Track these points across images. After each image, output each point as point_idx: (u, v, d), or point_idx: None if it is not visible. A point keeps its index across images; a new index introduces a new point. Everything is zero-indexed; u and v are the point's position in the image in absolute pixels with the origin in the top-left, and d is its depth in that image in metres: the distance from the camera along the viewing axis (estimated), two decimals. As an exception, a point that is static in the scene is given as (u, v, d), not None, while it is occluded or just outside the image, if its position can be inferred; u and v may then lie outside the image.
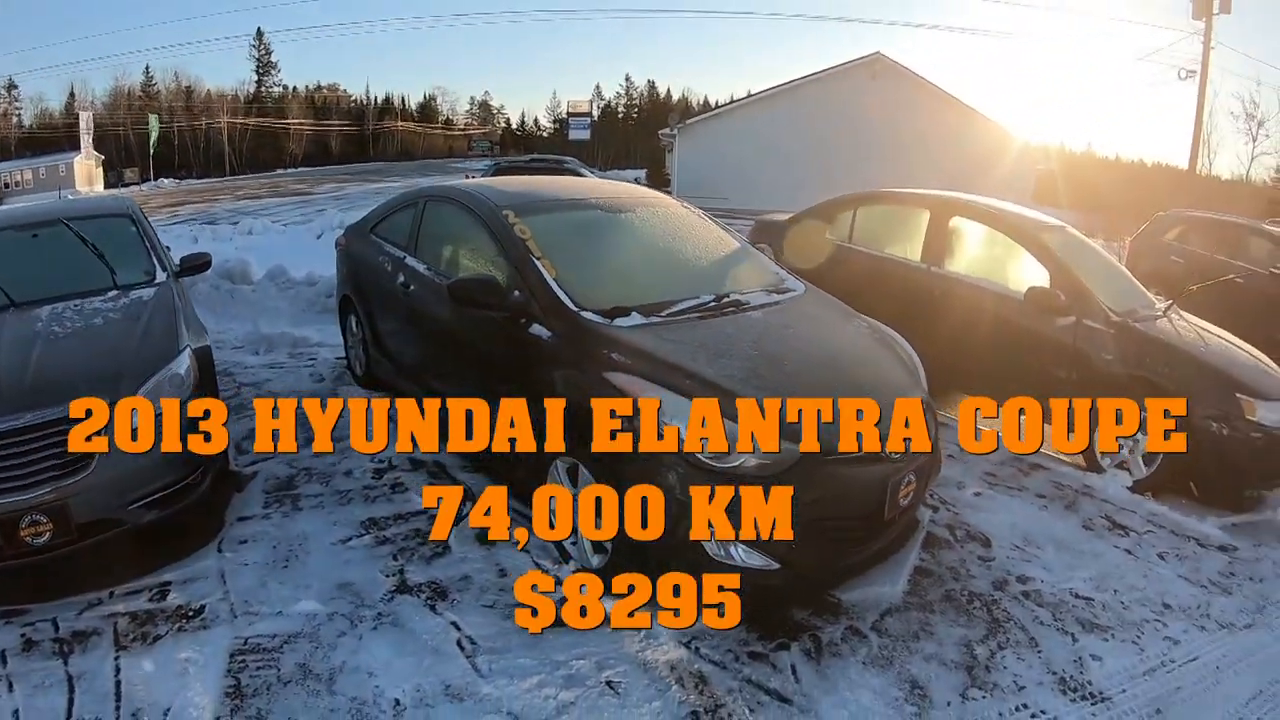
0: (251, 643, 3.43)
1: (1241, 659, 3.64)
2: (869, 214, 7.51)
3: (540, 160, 20.68)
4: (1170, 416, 5.14)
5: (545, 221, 4.76)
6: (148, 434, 3.82)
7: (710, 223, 5.51)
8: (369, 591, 3.79)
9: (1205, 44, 25.07)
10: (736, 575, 3.46)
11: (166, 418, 3.90)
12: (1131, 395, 5.37)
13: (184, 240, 13.75)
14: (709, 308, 4.30)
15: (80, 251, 5.15)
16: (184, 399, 4.13)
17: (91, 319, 4.57)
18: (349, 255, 6.61)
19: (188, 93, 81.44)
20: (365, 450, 5.24)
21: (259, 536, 4.29)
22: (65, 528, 3.66)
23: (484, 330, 4.45)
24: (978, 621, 3.74)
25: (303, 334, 8.26)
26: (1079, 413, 5.58)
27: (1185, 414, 5.14)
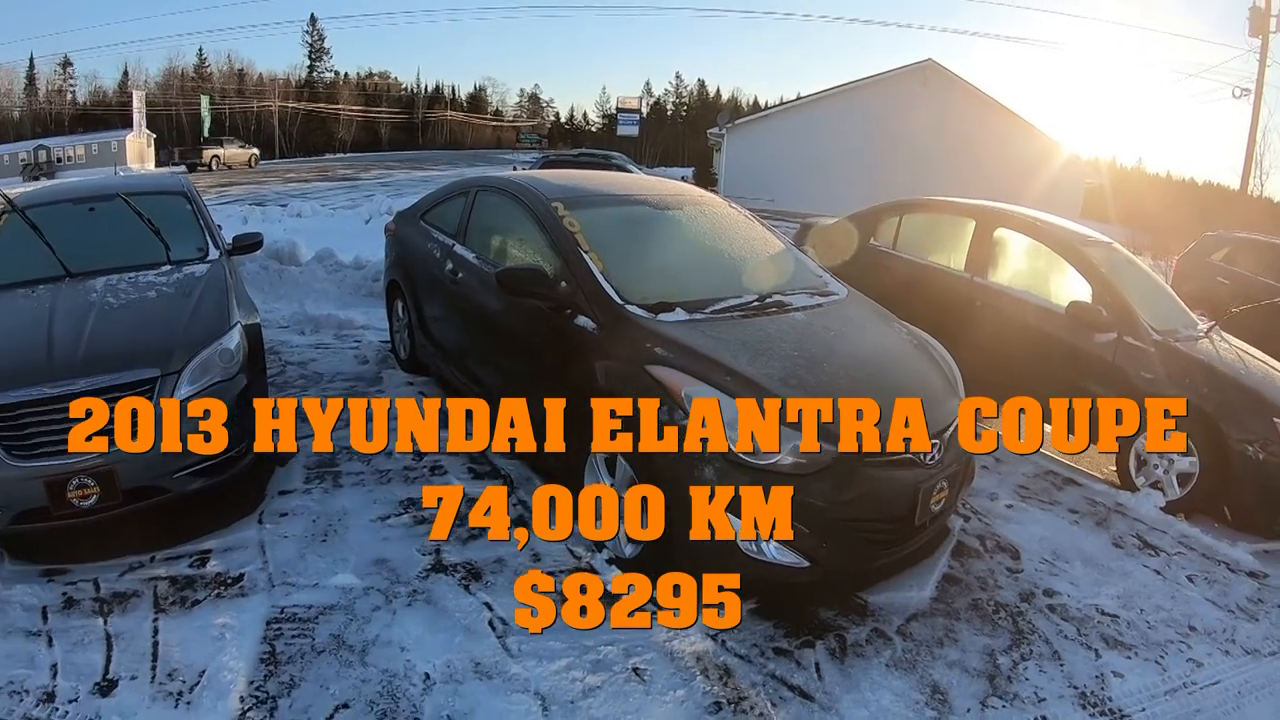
0: (288, 612, 3.53)
1: (1265, 685, 3.62)
2: (914, 221, 7.51)
3: (588, 155, 20.87)
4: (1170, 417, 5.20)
5: (594, 215, 4.82)
6: (147, 434, 3.88)
7: (756, 224, 5.54)
8: (405, 569, 3.88)
9: (1261, 62, 24.66)
10: (737, 575, 3.55)
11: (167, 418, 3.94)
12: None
13: (234, 220, 13.96)
14: (752, 307, 4.34)
15: (136, 226, 5.28)
16: (233, 373, 4.27)
17: (145, 292, 4.70)
18: (398, 240, 6.72)
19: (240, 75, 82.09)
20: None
21: (299, 510, 4.40)
22: (111, 492, 3.80)
23: (529, 320, 4.52)
24: (1002, 632, 3.76)
25: (349, 316, 8.40)
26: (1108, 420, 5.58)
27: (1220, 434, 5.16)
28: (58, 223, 5.26)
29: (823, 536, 3.51)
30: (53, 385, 3.76)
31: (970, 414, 4.31)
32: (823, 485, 3.47)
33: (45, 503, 3.70)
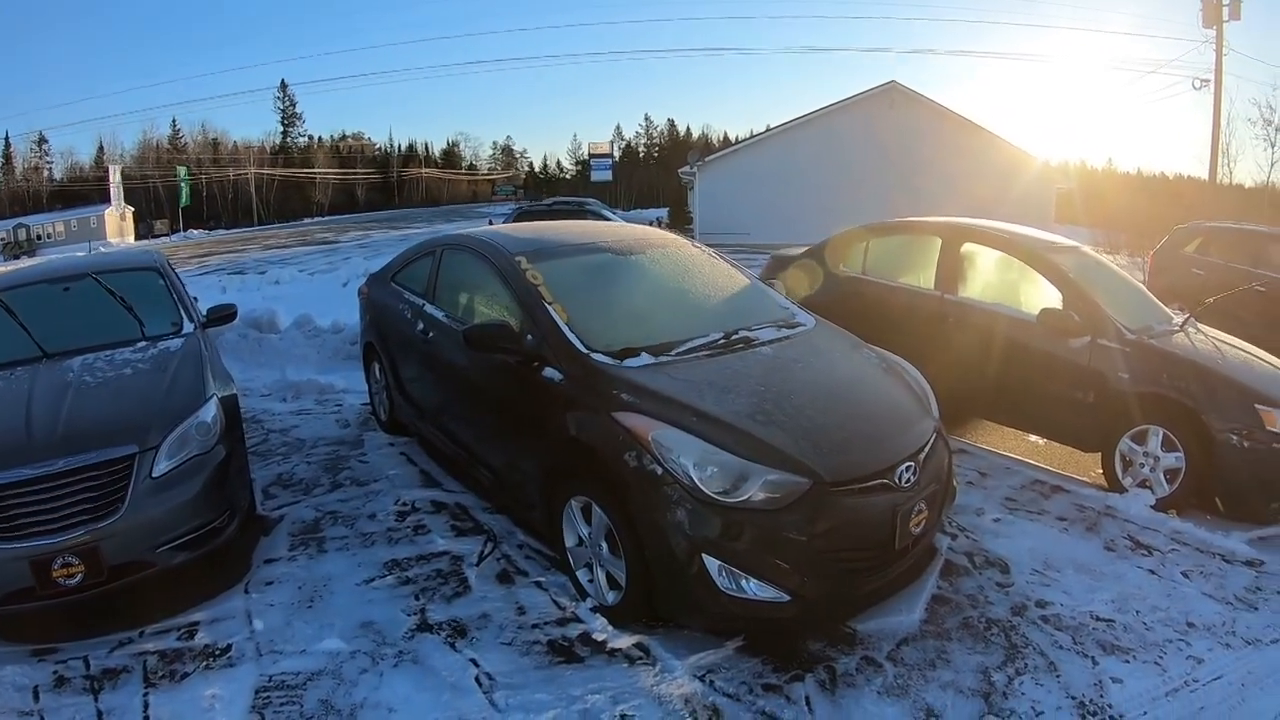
0: (276, 679, 3.53)
1: (1269, 675, 3.58)
2: (881, 245, 7.51)
3: (562, 203, 20.92)
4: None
5: (557, 266, 4.84)
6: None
7: (720, 261, 5.57)
8: (391, 630, 3.87)
9: (1217, 52, 24.95)
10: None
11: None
12: (1149, 413, 5.38)
13: (212, 291, 13.96)
14: (717, 345, 4.34)
15: (110, 304, 5.32)
16: (211, 445, 4.29)
17: (121, 369, 4.72)
18: (371, 303, 6.74)
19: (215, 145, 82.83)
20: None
21: (285, 578, 4.41)
22: (97, 569, 3.81)
23: (500, 374, 4.53)
24: (995, 648, 3.73)
25: (329, 381, 8.38)
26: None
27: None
28: (33, 304, 5.31)
29: (802, 570, 3.49)
30: (32, 466, 3.78)
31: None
32: (797, 518, 3.46)
33: (31, 583, 3.71)
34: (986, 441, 6.68)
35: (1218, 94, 25.10)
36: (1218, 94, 25.10)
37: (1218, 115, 25.30)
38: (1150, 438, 5.43)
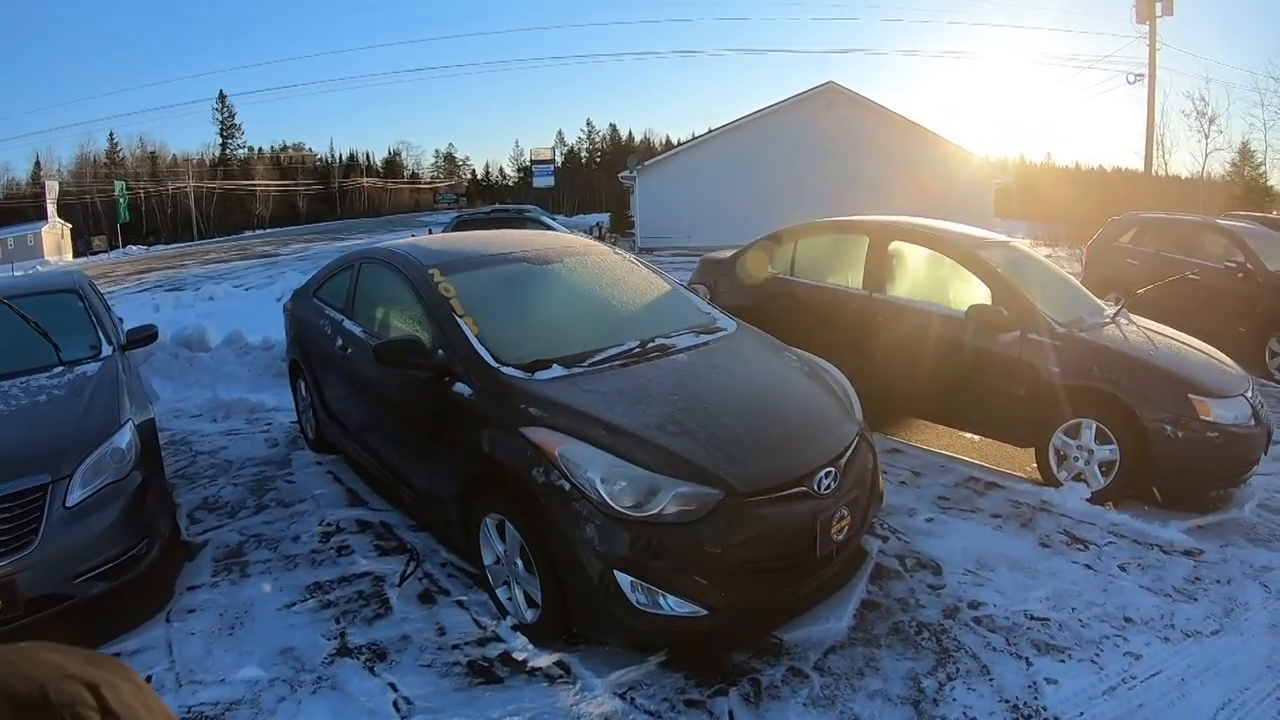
0: (195, 711, 3.41)
1: (1209, 668, 3.57)
2: (809, 245, 7.48)
3: (502, 210, 20.59)
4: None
5: (470, 279, 4.76)
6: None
7: (641, 268, 5.52)
8: (310, 656, 3.77)
9: (1151, 46, 25.46)
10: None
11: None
12: (1081, 406, 5.39)
13: (145, 309, 13.70)
14: (633, 354, 4.28)
15: (24, 330, 5.11)
16: (126, 471, 4.16)
17: (35, 396, 4.56)
18: (295, 319, 6.58)
19: (153, 158, 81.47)
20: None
21: (206, 605, 4.28)
22: (13, 603, 3.67)
23: (414, 390, 4.44)
24: (926, 653, 3.67)
25: (259, 399, 8.21)
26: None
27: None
28: None
29: (719, 583, 3.42)
30: None
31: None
32: (712, 531, 3.38)
33: None
34: (921, 440, 6.67)
35: (1151, 88, 25.64)
36: (1151, 88, 25.64)
37: (1152, 108, 25.87)
38: (1083, 431, 5.44)
